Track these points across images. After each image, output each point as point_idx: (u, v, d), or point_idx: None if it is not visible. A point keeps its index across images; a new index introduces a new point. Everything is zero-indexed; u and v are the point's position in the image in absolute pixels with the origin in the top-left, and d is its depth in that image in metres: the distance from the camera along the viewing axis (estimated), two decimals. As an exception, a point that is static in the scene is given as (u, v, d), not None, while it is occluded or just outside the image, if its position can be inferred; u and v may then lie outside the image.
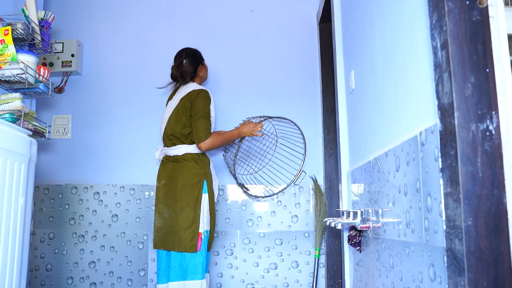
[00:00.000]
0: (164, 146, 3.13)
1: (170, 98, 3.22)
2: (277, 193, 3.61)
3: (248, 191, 3.59)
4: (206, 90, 3.05)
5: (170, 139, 3.07)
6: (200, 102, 2.98)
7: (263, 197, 3.62)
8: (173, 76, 3.17)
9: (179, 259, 2.88)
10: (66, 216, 3.73)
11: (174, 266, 2.88)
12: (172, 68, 3.18)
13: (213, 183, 3.06)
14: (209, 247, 2.98)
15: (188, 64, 3.13)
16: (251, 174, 3.63)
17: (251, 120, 3.38)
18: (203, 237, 2.88)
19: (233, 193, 3.70)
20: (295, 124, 3.53)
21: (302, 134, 3.56)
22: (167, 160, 3.06)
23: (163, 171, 3.05)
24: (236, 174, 3.61)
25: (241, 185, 3.60)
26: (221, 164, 3.67)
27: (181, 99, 3.04)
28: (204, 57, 3.29)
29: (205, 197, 2.93)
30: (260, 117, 3.54)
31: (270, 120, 3.60)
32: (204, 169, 2.99)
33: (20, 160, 2.23)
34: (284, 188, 3.61)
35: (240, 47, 3.90)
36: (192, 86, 3.08)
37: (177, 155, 3.01)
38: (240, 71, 3.87)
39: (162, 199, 2.98)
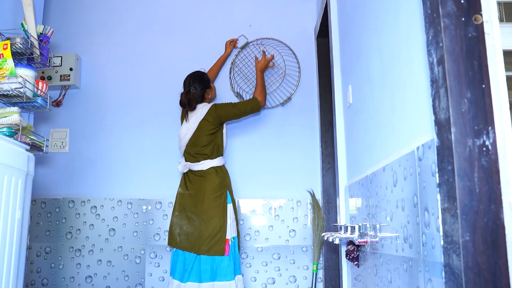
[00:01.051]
0: (186, 161, 3.34)
1: (183, 117, 3.41)
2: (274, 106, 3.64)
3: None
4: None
5: (194, 157, 3.31)
6: (222, 107, 3.31)
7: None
8: (181, 103, 3.38)
9: (210, 262, 3.11)
10: (63, 230, 3.71)
11: (205, 269, 3.11)
12: (181, 94, 3.39)
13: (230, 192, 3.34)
14: (239, 248, 3.28)
15: (196, 91, 3.38)
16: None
17: (249, 42, 3.90)
18: (230, 243, 3.15)
19: (231, 208, 3.69)
20: (288, 47, 3.86)
21: (296, 58, 3.86)
22: (192, 174, 3.30)
23: (190, 183, 3.29)
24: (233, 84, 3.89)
25: (239, 94, 3.84)
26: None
27: (201, 122, 3.29)
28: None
29: (230, 207, 3.23)
30: (258, 39, 3.91)
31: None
32: (226, 180, 3.30)
33: (17, 175, 2.23)
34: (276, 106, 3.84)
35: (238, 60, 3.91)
36: (206, 107, 3.33)
37: (202, 170, 3.27)
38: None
39: (191, 208, 3.22)
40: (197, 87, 3.38)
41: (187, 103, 3.32)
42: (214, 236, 3.10)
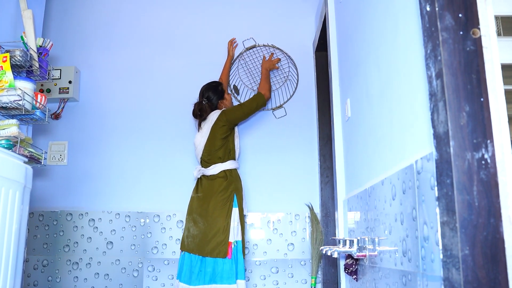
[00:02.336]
0: (202, 167, 3.41)
1: (199, 125, 3.51)
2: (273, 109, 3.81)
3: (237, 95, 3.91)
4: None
5: (207, 162, 3.38)
6: (231, 111, 3.39)
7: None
8: (193, 113, 3.50)
9: (212, 265, 3.13)
10: (61, 243, 3.69)
11: (208, 271, 3.13)
12: (194, 105, 3.50)
13: (244, 197, 3.41)
14: (244, 253, 3.21)
15: (209, 101, 3.49)
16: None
17: (257, 45, 3.95)
18: (233, 246, 3.16)
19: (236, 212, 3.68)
20: (292, 59, 3.92)
21: (295, 66, 3.92)
22: (205, 178, 3.36)
23: (201, 187, 3.35)
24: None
25: (235, 88, 3.90)
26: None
27: (212, 129, 3.37)
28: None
29: (235, 211, 3.25)
30: (266, 45, 3.96)
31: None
32: (235, 183, 3.32)
33: (15, 187, 2.22)
34: (276, 108, 3.88)
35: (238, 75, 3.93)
36: (216, 113, 3.42)
37: (214, 174, 3.32)
38: (239, 98, 3.89)
39: (197, 210, 3.27)
40: (210, 97, 3.49)
41: (199, 114, 3.45)
42: (217, 238, 3.13)
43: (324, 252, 2.13)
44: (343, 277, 2.59)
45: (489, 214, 1.02)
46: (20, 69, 2.54)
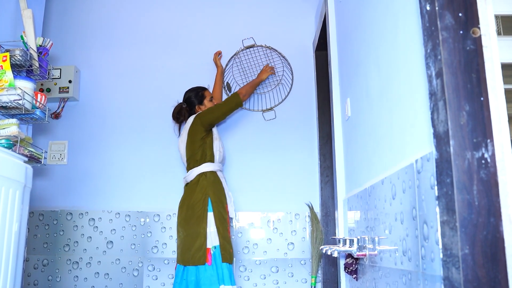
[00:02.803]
0: (186, 172, 3.38)
1: (179, 130, 3.61)
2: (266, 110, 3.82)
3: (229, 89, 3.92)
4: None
5: (188, 167, 3.36)
6: (205, 114, 3.35)
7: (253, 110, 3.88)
8: (172, 115, 3.56)
9: (195, 273, 3.09)
10: (61, 243, 3.69)
11: (191, 280, 3.08)
12: (175, 107, 3.55)
13: (228, 200, 3.31)
14: (229, 260, 3.09)
15: (187, 106, 3.53)
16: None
17: (255, 45, 3.93)
18: (212, 252, 3.08)
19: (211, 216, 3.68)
20: (289, 64, 3.92)
21: (290, 70, 3.91)
22: (186, 185, 3.36)
23: (182, 195, 3.34)
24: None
25: (228, 85, 3.91)
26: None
27: (188, 133, 3.36)
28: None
29: (210, 215, 3.15)
30: (264, 46, 3.94)
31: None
32: (209, 187, 3.22)
33: (15, 187, 2.22)
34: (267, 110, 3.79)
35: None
36: (192, 118, 3.40)
37: (192, 179, 3.29)
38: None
39: (178, 219, 3.27)
40: (190, 101, 3.52)
41: (176, 117, 3.53)
42: (195, 245, 3.09)
43: (324, 251, 2.13)
44: (343, 276, 2.59)
45: (489, 214, 1.02)
46: (20, 69, 2.54)
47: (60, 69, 3.84)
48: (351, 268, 2.24)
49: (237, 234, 3.66)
